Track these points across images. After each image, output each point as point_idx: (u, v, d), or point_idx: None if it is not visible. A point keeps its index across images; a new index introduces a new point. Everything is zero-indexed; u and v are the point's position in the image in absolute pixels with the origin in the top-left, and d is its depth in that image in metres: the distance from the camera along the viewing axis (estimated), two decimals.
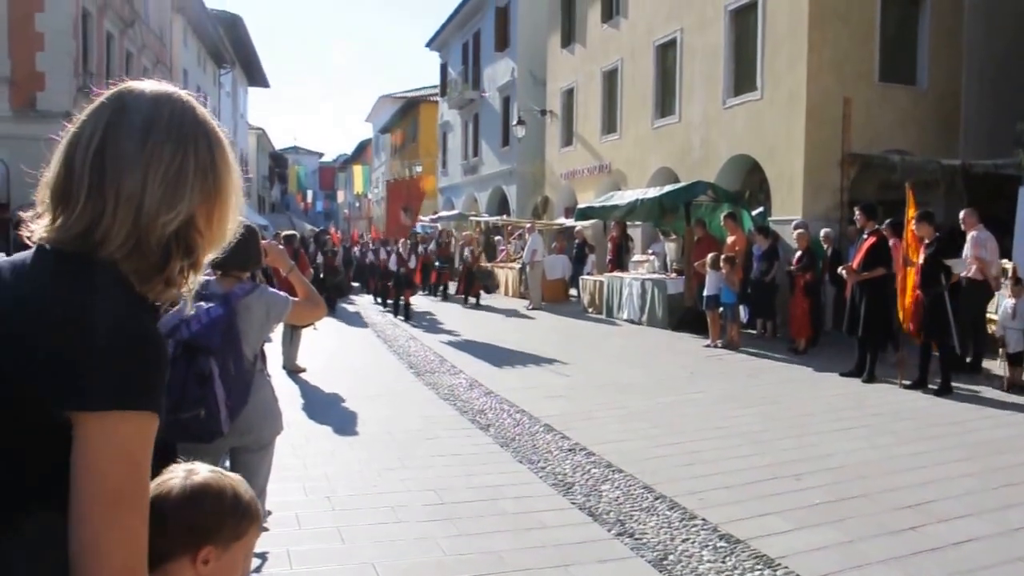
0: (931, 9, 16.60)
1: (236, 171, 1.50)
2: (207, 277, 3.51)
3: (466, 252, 23.41)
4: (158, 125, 1.38)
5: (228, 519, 1.45)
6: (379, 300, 22.69)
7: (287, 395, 9.80)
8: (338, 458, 7.03)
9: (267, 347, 12.03)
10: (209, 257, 1.51)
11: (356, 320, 19.06)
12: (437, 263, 24.46)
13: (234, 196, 1.49)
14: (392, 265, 19.16)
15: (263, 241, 4.16)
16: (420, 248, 22.16)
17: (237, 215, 1.52)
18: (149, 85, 1.46)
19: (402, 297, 18.80)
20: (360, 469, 6.68)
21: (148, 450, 1.30)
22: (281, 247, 4.72)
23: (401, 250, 19.10)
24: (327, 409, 9.12)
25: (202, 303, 3.68)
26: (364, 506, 5.74)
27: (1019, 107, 14.52)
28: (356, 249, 31.07)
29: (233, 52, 45.02)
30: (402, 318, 18.33)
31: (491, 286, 23.95)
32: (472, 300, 22.08)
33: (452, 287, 24.77)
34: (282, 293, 4.10)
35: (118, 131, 1.36)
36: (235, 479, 1.51)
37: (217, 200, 1.45)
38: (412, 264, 19.14)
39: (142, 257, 1.36)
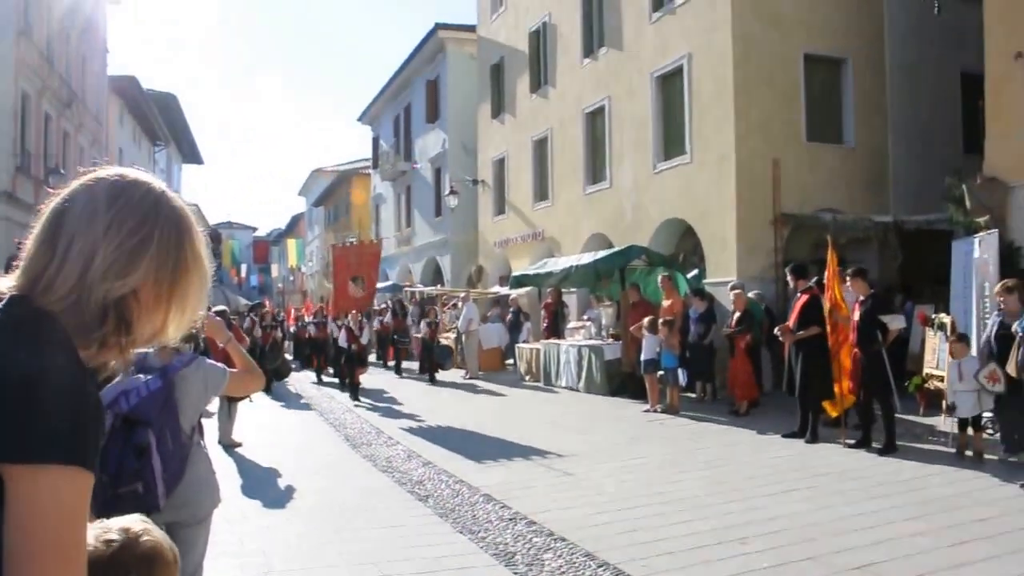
0: (853, 70, 16.76)
1: (203, 267, 1.49)
2: (145, 350, 3.52)
3: (423, 325, 21.47)
4: (129, 198, 1.39)
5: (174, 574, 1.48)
6: (320, 379, 21.06)
7: (223, 469, 9.53)
8: (275, 533, 6.83)
9: (204, 421, 11.55)
10: (157, 336, 1.47)
11: (292, 394, 18.32)
12: (395, 337, 22.69)
13: (195, 289, 1.47)
14: (342, 342, 17.51)
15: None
16: (376, 321, 21.28)
17: (196, 307, 1.49)
18: (133, 171, 1.47)
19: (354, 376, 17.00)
20: (297, 543, 6.50)
21: (85, 508, 1.25)
22: (218, 319, 4.55)
23: (351, 324, 17.22)
24: (264, 483, 8.89)
25: (140, 376, 3.65)
26: None
27: (946, 162, 14.58)
28: (290, 325, 30.24)
29: (167, 130, 44.53)
30: (354, 400, 16.20)
31: (446, 363, 21.94)
32: (435, 377, 19.92)
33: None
34: (220, 365, 4.01)
35: (87, 194, 1.39)
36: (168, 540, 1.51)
37: (172, 285, 1.42)
38: (365, 340, 17.69)
39: (80, 314, 1.33)
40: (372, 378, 17.64)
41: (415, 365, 22.30)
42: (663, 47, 17.95)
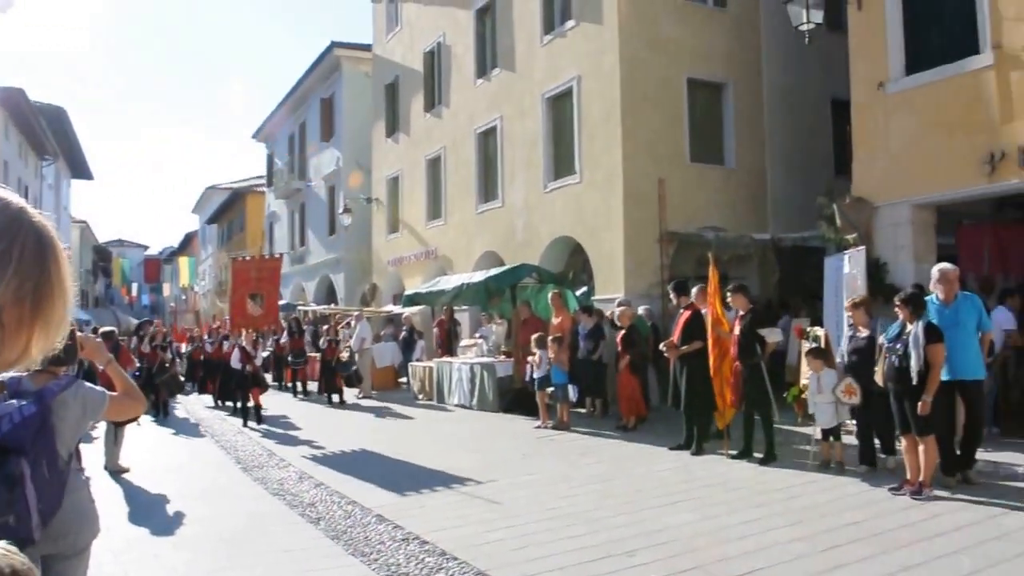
0: (733, 94, 17.24)
1: (67, 286, 1.37)
2: (19, 374, 3.37)
3: (322, 342, 20.28)
4: None
5: None
6: (219, 402, 19.42)
7: (110, 496, 9.23)
8: (162, 562, 6.58)
9: (89, 446, 10.88)
10: (20, 360, 1.35)
11: (182, 418, 17.34)
12: (291, 357, 21.67)
13: (59, 308, 1.35)
14: (235, 363, 15.82)
15: (79, 334, 3.86)
16: (271, 340, 20.27)
17: (61, 328, 1.37)
18: None
19: (249, 399, 15.57)
20: (186, 572, 6.30)
21: None
22: (98, 340, 4.44)
23: (245, 344, 15.70)
24: (151, 510, 8.56)
25: (13, 401, 3.37)
26: None
27: (820, 183, 15.10)
28: (183, 345, 29.24)
29: (56, 144, 42.85)
30: (252, 423, 15.09)
31: (352, 376, 20.23)
32: (336, 398, 18.88)
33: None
34: (99, 388, 3.75)
35: None
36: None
37: (35, 306, 1.30)
38: (259, 361, 16.29)
39: None
40: (269, 400, 16.57)
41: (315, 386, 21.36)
42: (554, 69, 18.15)
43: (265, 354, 20.04)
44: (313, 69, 33.01)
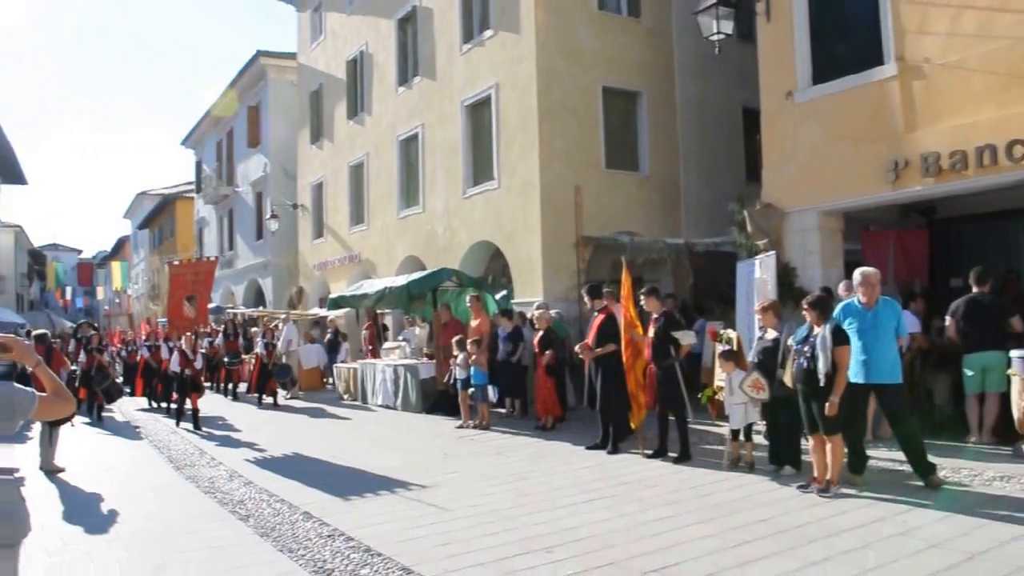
0: (647, 103, 16.94)
1: None
2: None
3: (259, 344, 19.27)
4: None
5: None
6: (154, 404, 18.63)
7: (44, 497, 9.09)
8: (96, 560, 6.39)
9: (23, 447, 9.85)
10: None
11: (119, 421, 16.52)
12: (226, 359, 20.76)
13: None
14: (175, 365, 14.99)
15: (5, 336, 3.78)
16: (205, 342, 19.40)
17: None
18: None
19: (187, 402, 14.80)
20: (119, 570, 6.14)
21: None
22: (27, 342, 4.25)
23: (184, 347, 15.01)
24: (85, 509, 8.36)
25: None
26: None
27: (731, 189, 14.89)
28: (116, 348, 27.93)
29: None
30: (187, 426, 14.42)
31: (288, 383, 19.62)
32: (268, 399, 18.23)
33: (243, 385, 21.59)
34: (29, 388, 3.66)
35: None
36: None
37: None
38: (199, 364, 15.44)
39: None
40: (203, 402, 15.64)
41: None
42: (473, 77, 17.66)
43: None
44: (240, 77, 32.05)
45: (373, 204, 22.47)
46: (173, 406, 15.67)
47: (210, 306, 29.95)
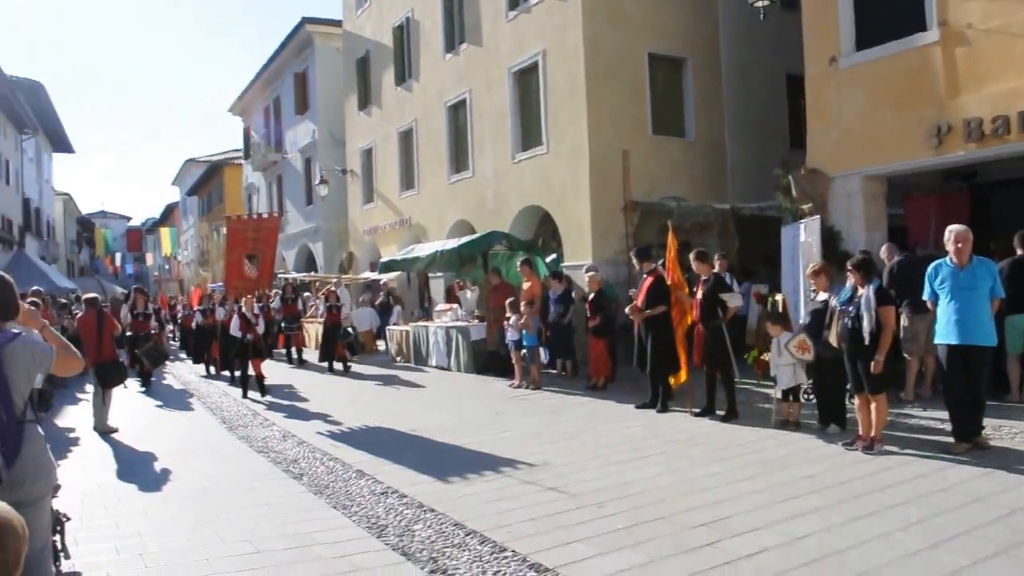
0: (692, 69, 17.15)
1: None
2: None
3: (321, 308, 18.54)
4: None
5: (24, 543, 1.47)
6: (212, 371, 18.48)
7: (99, 456, 9.40)
8: (151, 515, 6.62)
9: (76, 408, 10.83)
10: None
11: (173, 388, 16.47)
12: (283, 323, 20.37)
13: None
14: (235, 330, 13.98)
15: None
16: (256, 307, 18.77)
17: None
18: None
19: (249, 369, 14.10)
20: (174, 525, 6.28)
21: None
22: (30, 306, 4.52)
23: (245, 310, 14.00)
24: (140, 468, 8.63)
25: None
26: (179, 561, 5.40)
27: (776, 154, 15.12)
28: (165, 312, 28.55)
29: (36, 119, 41.81)
30: (255, 395, 13.81)
31: (356, 346, 18.99)
32: (339, 366, 17.72)
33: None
34: (43, 341, 3.93)
35: None
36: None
37: None
38: (261, 328, 14.42)
39: None
40: (266, 369, 14.75)
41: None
42: (519, 44, 17.94)
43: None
44: (286, 44, 32.40)
45: (423, 169, 22.87)
46: (237, 373, 15.12)
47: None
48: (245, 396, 13.86)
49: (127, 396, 12.51)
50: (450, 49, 21.04)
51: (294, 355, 20.57)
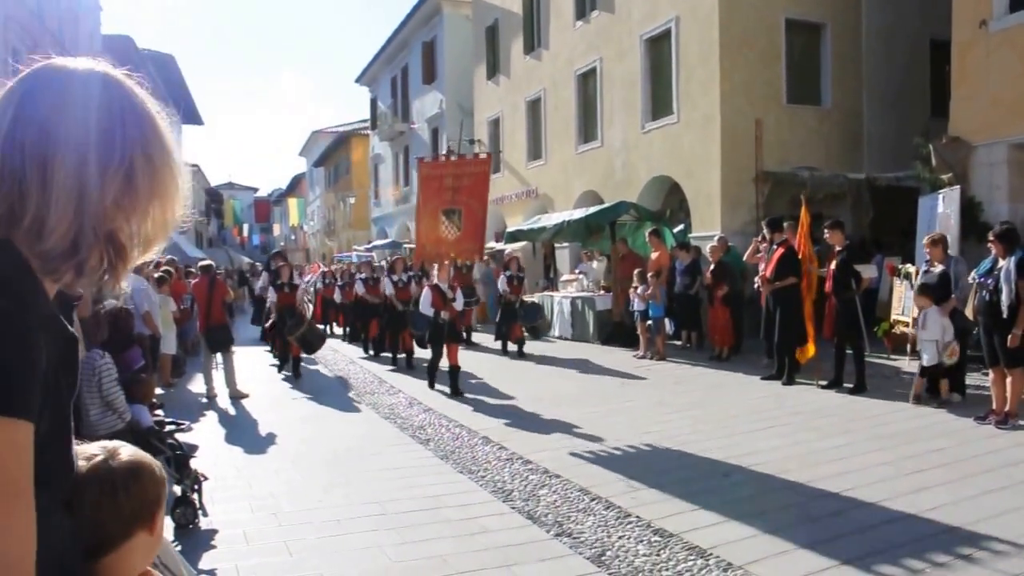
0: (831, 34, 17.06)
1: (176, 162, 1.32)
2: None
3: (501, 280, 16.34)
4: (89, 105, 1.22)
5: (162, 486, 1.49)
6: (371, 352, 16.45)
7: (231, 420, 9.89)
8: (282, 477, 6.95)
9: (212, 374, 11.40)
10: (148, 248, 1.32)
11: (323, 371, 14.70)
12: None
13: (172, 189, 1.31)
14: (425, 308, 11.22)
15: None
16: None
17: (177, 208, 1.33)
18: (72, 61, 1.29)
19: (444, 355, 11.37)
20: (304, 486, 6.61)
21: (18, 457, 1.10)
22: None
23: (439, 283, 11.28)
24: (271, 431, 9.01)
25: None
26: (310, 520, 5.67)
27: (916, 123, 14.98)
28: (304, 280, 28.28)
29: (166, 91, 44.27)
30: (444, 389, 11.17)
31: (541, 327, 17.83)
32: (513, 347, 15.48)
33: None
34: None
35: (39, 110, 1.21)
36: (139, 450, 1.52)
37: (152, 193, 1.27)
38: (458, 305, 11.69)
39: (57, 242, 1.18)
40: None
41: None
42: (652, 11, 18.15)
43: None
44: (414, 13, 33.15)
45: (551, 139, 23.33)
46: (401, 355, 14.20)
47: (387, 241, 31.26)
48: (432, 386, 11.55)
49: (255, 362, 12.75)
50: (581, 16, 21.34)
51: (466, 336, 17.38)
